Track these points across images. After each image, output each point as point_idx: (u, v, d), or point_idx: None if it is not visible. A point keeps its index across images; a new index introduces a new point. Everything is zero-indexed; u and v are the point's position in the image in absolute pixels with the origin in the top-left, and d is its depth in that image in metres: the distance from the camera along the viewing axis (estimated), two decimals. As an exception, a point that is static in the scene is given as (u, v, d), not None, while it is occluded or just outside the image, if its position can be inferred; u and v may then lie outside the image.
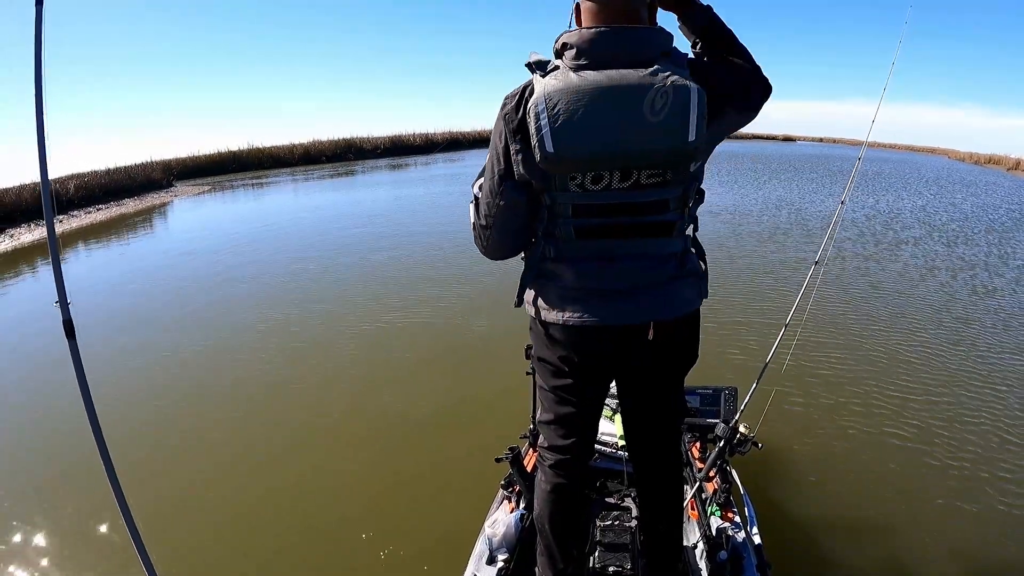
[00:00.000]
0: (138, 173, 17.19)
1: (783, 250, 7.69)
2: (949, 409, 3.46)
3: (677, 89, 1.11)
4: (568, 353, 1.35)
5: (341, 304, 5.80)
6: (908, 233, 8.98)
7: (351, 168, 23.24)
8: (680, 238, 1.30)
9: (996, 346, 4.45)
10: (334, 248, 8.23)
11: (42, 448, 3.41)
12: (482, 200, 1.33)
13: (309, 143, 27.12)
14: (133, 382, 4.20)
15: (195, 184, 19.08)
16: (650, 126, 1.12)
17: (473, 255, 1.46)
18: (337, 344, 4.76)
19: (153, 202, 15.07)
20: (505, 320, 4.92)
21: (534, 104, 1.13)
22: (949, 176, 21.36)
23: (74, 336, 1.46)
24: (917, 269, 6.76)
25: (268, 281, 6.70)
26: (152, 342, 4.90)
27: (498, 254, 1.41)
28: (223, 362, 4.53)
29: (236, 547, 2.55)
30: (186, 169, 21.63)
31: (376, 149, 28.22)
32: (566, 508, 1.53)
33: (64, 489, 2.97)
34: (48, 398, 3.93)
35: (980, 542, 2.43)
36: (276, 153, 25.38)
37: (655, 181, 1.20)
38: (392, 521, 2.62)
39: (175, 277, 7.12)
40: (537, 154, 1.15)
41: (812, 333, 4.43)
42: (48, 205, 1.43)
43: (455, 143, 32.29)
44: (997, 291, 5.94)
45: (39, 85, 1.35)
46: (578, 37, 1.16)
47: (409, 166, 23.54)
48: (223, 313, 5.68)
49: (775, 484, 2.74)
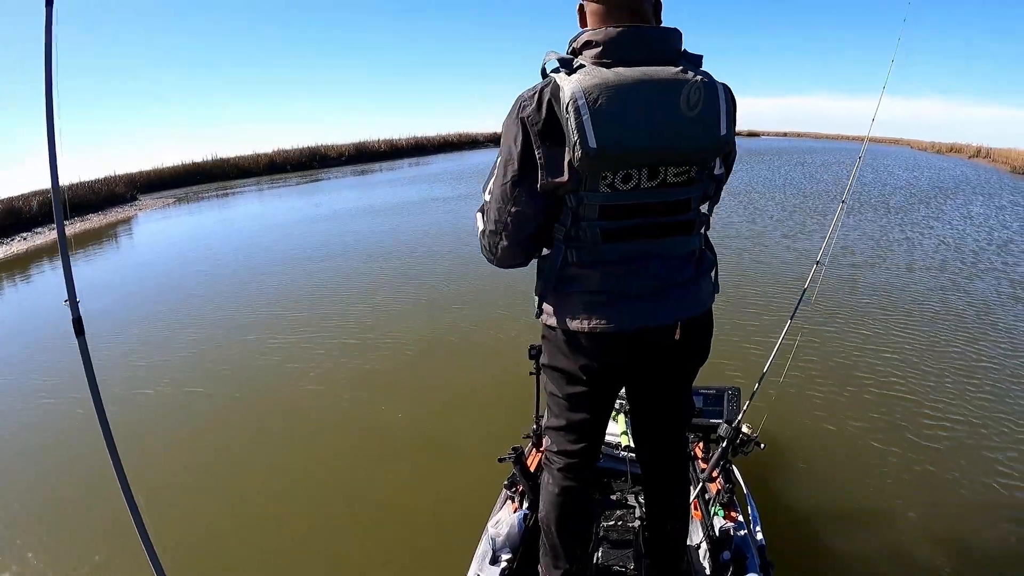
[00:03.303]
0: (101, 188, 17.51)
1: (782, 247, 7.96)
2: (954, 407, 3.55)
3: (707, 86, 1.19)
4: (591, 362, 1.36)
5: (348, 299, 6.34)
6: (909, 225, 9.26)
7: (317, 175, 24.04)
8: (698, 236, 1.37)
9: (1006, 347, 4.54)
10: (339, 251, 8.70)
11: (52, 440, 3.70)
12: (492, 206, 1.34)
13: (274, 152, 28.02)
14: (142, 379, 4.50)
15: (160, 197, 19.41)
16: (687, 120, 1.18)
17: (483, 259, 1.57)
18: (336, 344, 5.04)
19: (118, 216, 15.27)
20: (509, 317, 5.35)
21: (571, 99, 1.14)
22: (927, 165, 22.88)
23: (83, 333, 1.54)
24: (918, 264, 6.98)
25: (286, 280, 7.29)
26: (154, 336, 5.01)
27: (508, 262, 1.43)
28: (232, 358, 4.89)
29: (241, 541, 2.69)
30: (150, 182, 21.99)
31: (341, 156, 29.26)
32: (573, 510, 1.58)
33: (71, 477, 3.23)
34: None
35: (990, 545, 2.50)
36: (241, 163, 26.10)
37: (681, 180, 1.26)
38: (395, 521, 2.74)
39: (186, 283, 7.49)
40: (578, 151, 1.15)
41: (814, 332, 4.57)
42: (58, 209, 1.55)
43: (420, 148, 34.12)
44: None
45: (49, 92, 1.40)
46: (603, 35, 1.20)
47: (375, 171, 24.56)
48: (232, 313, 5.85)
49: (778, 484, 2.84)
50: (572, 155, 1.17)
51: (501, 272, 1.57)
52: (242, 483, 3.15)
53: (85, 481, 3.12)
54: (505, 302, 5.83)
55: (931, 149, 33.38)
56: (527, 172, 1.26)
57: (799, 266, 6.84)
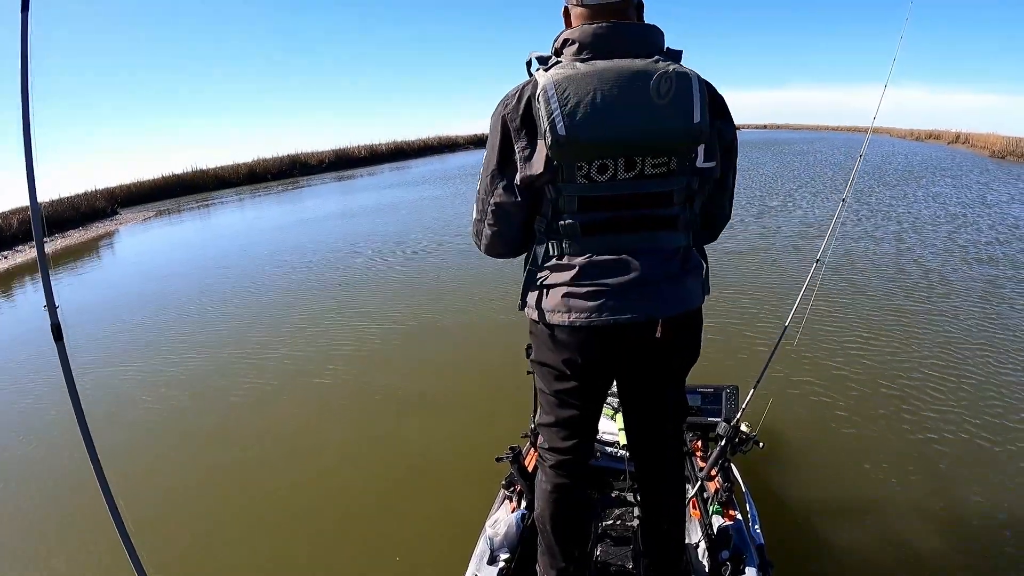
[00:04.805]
0: (81, 203, 17.62)
1: (781, 244, 7.98)
2: (956, 406, 3.56)
3: (680, 75, 1.23)
4: (572, 355, 1.40)
5: (351, 301, 6.46)
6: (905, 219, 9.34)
7: (297, 183, 24.36)
8: (684, 233, 1.38)
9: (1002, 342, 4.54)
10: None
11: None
12: (479, 197, 1.43)
13: (254, 161, 28.40)
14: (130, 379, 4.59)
15: (140, 211, 19.56)
16: (658, 108, 1.22)
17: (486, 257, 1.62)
18: (335, 343, 5.12)
19: (99, 231, 15.33)
20: (505, 317, 5.34)
21: (543, 91, 1.22)
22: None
23: (62, 339, 1.55)
24: (920, 265, 7.00)
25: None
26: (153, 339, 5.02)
27: (494, 251, 1.51)
28: (224, 364, 4.98)
29: (232, 547, 2.70)
30: (131, 196, 22.24)
31: (321, 163, 29.70)
32: (568, 508, 1.61)
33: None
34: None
35: (991, 544, 2.51)
36: (221, 174, 26.51)
37: (660, 172, 1.29)
38: (392, 522, 2.76)
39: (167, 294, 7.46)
40: (548, 139, 1.22)
41: (814, 331, 4.58)
42: (37, 220, 1.57)
43: (400, 152, 34.73)
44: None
45: (25, 100, 1.39)
46: (580, 32, 1.28)
47: (356, 177, 24.87)
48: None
49: (777, 483, 2.85)
50: (545, 144, 1.24)
51: (496, 268, 1.61)
52: (239, 484, 3.19)
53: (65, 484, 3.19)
54: (502, 300, 5.84)
55: (910, 136, 33.64)
56: (506, 165, 1.35)
57: (795, 262, 6.88)
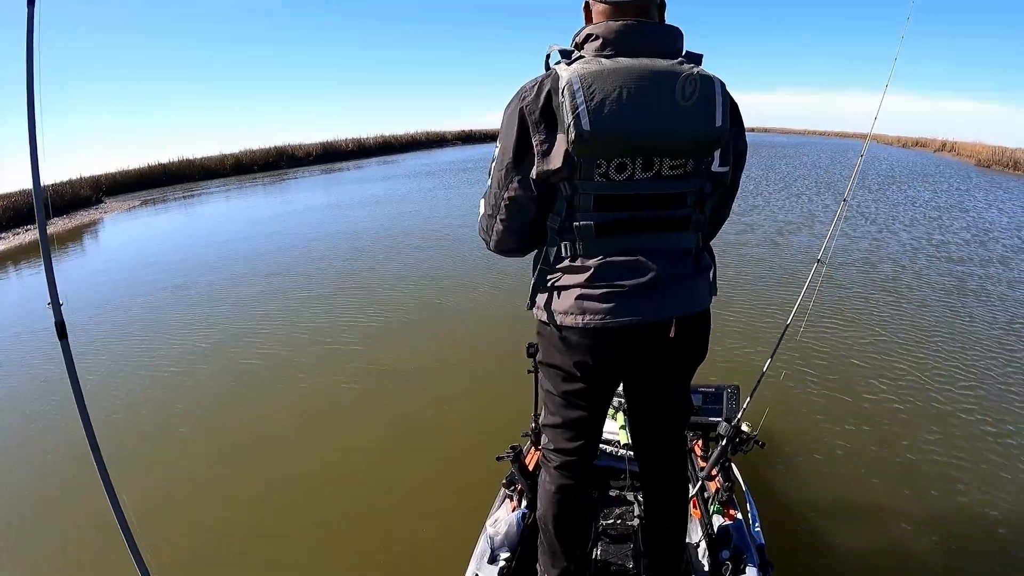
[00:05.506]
0: (66, 191, 17.46)
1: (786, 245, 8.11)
2: (956, 405, 3.62)
3: (704, 79, 1.25)
4: (584, 358, 1.39)
5: (343, 295, 6.55)
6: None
7: (283, 175, 24.28)
8: (695, 234, 1.40)
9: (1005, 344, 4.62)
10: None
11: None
12: (490, 191, 1.41)
13: (241, 152, 28.29)
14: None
15: (125, 200, 19.40)
16: (682, 110, 1.24)
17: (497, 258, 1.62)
18: (335, 342, 5.16)
19: (83, 220, 15.19)
20: (508, 314, 5.46)
21: (567, 85, 1.21)
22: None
23: (66, 336, 1.56)
24: (921, 264, 7.08)
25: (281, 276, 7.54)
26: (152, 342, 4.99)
27: (502, 247, 1.49)
28: (228, 352, 5.07)
29: (232, 544, 2.72)
30: (116, 184, 22.02)
31: (308, 156, 29.68)
32: (571, 508, 1.62)
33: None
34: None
35: (991, 543, 2.56)
36: (207, 164, 26.38)
37: (677, 173, 1.30)
38: (393, 520, 2.79)
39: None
40: (572, 133, 1.21)
41: (815, 331, 4.63)
42: (40, 209, 1.57)
43: (388, 147, 35.00)
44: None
45: (31, 90, 1.44)
46: (604, 28, 1.28)
47: (343, 170, 24.95)
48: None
49: (778, 483, 2.89)
50: (567, 139, 1.23)
51: (499, 265, 1.62)
52: (242, 480, 3.21)
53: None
54: (503, 298, 5.89)
55: (896, 143, 34.04)
56: (522, 159, 1.32)
57: (795, 262, 6.98)
